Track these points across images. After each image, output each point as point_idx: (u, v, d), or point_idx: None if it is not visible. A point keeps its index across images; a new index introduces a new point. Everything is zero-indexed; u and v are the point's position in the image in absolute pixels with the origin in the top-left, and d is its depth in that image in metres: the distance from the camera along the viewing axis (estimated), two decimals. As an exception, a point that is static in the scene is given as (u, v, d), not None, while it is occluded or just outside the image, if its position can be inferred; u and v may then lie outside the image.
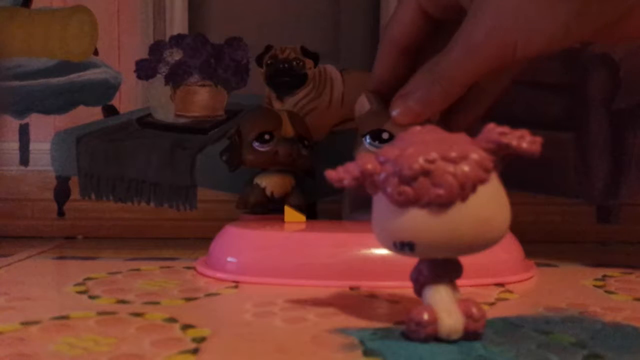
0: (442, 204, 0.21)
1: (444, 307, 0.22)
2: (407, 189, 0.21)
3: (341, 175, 0.22)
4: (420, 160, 0.21)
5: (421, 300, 0.23)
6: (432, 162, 0.21)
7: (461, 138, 0.22)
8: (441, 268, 0.23)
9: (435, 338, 0.22)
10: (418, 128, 0.23)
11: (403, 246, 0.22)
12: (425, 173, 0.21)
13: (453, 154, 0.21)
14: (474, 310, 0.22)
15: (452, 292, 0.23)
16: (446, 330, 0.22)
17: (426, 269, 0.23)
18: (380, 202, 0.22)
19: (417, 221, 0.21)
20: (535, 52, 0.31)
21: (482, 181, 0.21)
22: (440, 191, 0.21)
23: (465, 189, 0.21)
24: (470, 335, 0.22)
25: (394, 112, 0.35)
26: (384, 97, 0.38)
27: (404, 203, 0.21)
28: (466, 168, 0.21)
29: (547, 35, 0.30)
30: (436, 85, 0.33)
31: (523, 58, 0.32)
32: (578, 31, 0.30)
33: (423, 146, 0.22)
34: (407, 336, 0.23)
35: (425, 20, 0.36)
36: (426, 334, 0.22)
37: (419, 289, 0.24)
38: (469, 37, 0.32)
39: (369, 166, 0.22)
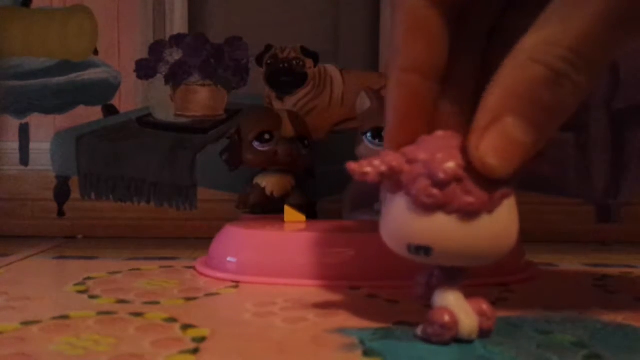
0: (469, 213, 0.21)
1: (461, 308, 0.22)
2: (437, 192, 0.21)
3: (365, 168, 0.22)
4: (454, 165, 0.21)
5: (431, 303, 0.23)
6: (465, 169, 0.21)
7: None
8: (454, 269, 0.23)
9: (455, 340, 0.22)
10: (441, 133, 0.23)
11: (418, 250, 0.21)
12: (459, 179, 0.21)
13: None
14: (485, 307, 0.22)
15: (462, 293, 0.23)
16: (467, 331, 0.22)
17: (439, 270, 0.23)
18: (398, 202, 0.22)
19: (440, 227, 0.21)
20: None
21: (508, 195, 0.21)
22: (471, 199, 0.21)
23: (494, 201, 0.21)
24: (484, 333, 0.22)
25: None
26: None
27: (431, 207, 0.21)
28: (496, 180, 0.21)
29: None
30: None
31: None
32: None
33: (454, 152, 0.21)
34: (427, 340, 0.22)
35: None
36: (450, 336, 0.22)
37: (429, 292, 0.23)
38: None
39: (395, 164, 0.22)
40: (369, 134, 0.39)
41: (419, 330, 0.23)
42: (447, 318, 0.22)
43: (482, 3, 0.26)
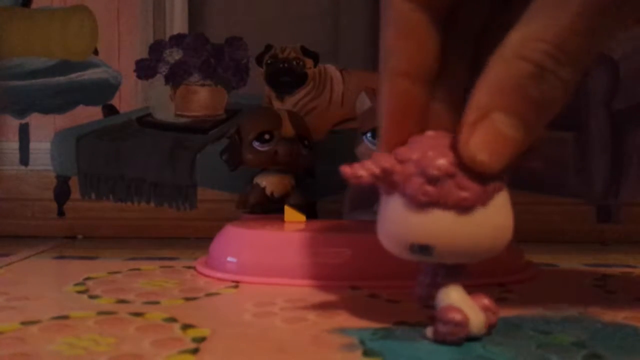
0: (465, 207, 0.21)
1: (467, 305, 0.22)
2: (431, 189, 0.21)
3: (358, 172, 0.22)
4: (446, 162, 0.21)
5: (435, 303, 0.23)
6: (457, 165, 0.21)
7: None
8: (457, 267, 0.23)
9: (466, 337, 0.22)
10: (431, 132, 0.23)
11: (420, 249, 0.22)
12: (451, 175, 0.21)
13: None
14: (487, 302, 0.23)
15: (463, 290, 0.23)
16: (476, 327, 0.22)
17: (443, 269, 0.23)
18: (393, 204, 0.22)
19: (438, 223, 0.21)
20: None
21: (500, 189, 0.22)
22: (465, 194, 0.21)
23: (487, 194, 0.21)
24: (490, 328, 0.23)
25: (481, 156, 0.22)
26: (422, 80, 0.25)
27: (427, 204, 0.21)
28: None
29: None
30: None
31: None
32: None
33: (444, 149, 0.21)
34: (441, 340, 0.22)
35: None
36: (464, 334, 0.22)
37: (432, 291, 0.23)
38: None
39: (388, 165, 0.22)
40: (369, 134, 0.39)
41: (428, 332, 0.23)
42: (459, 316, 0.22)
43: (470, 4, 0.26)
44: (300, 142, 0.45)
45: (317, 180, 0.48)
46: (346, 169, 0.22)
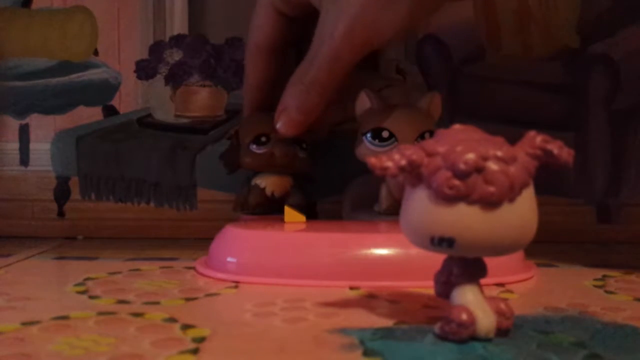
0: (491, 202, 0.21)
1: (479, 306, 0.22)
2: (458, 183, 0.21)
3: (385, 163, 0.22)
4: (475, 156, 0.21)
5: (449, 301, 0.23)
6: (485, 159, 0.21)
7: (503, 141, 0.22)
8: (473, 267, 0.23)
9: (472, 338, 0.22)
10: (458, 126, 0.23)
11: (442, 242, 0.22)
12: (479, 169, 0.21)
13: (504, 155, 0.21)
14: (503, 306, 0.23)
15: (481, 291, 0.23)
16: (484, 330, 0.22)
17: (458, 268, 0.23)
18: (418, 196, 0.22)
19: (463, 217, 0.21)
20: (388, 39, 0.35)
21: (527, 185, 0.22)
22: (492, 189, 0.21)
23: (515, 190, 0.21)
24: (501, 333, 0.23)
25: (278, 125, 0.39)
26: (264, 102, 0.43)
27: (453, 198, 0.21)
28: (516, 169, 0.21)
29: (394, 26, 0.34)
30: (310, 92, 0.36)
31: (380, 46, 0.36)
32: (419, 16, 0.35)
33: (473, 144, 0.22)
34: (443, 338, 0.22)
35: (284, 21, 0.40)
36: (467, 335, 0.22)
37: (447, 289, 0.23)
38: (329, 40, 0.34)
39: (415, 157, 0.22)
40: (369, 134, 0.39)
41: (436, 328, 0.23)
42: (464, 316, 0.22)
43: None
44: (297, 144, 0.45)
45: (317, 181, 0.48)
46: (373, 160, 0.22)
